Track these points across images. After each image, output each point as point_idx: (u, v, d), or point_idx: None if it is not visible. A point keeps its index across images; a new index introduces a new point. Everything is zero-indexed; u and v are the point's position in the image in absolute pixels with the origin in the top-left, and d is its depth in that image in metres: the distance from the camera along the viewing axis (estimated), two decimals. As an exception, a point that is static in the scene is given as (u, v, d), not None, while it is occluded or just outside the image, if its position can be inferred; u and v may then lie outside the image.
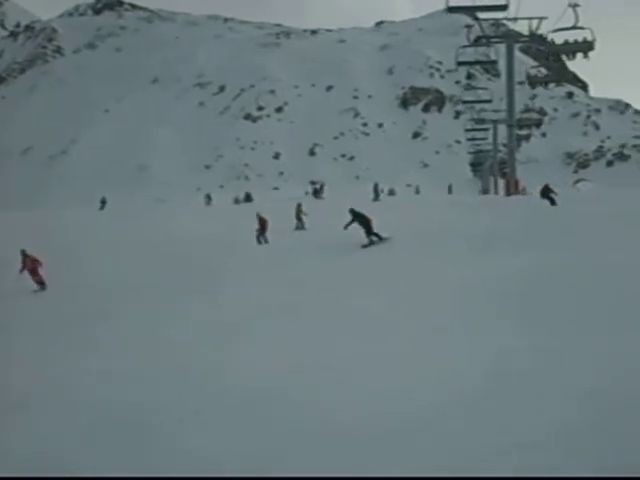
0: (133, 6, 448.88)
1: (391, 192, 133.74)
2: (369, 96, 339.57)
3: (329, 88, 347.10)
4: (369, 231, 43.64)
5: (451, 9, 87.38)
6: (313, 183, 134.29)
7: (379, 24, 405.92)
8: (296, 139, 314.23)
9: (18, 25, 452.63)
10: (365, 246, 43.61)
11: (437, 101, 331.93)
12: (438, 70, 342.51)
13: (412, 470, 14.57)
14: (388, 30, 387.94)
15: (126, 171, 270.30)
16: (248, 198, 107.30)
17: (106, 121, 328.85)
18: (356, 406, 18.85)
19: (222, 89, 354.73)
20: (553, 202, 62.92)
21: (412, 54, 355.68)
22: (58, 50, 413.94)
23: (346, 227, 43.41)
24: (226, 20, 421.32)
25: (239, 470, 15.62)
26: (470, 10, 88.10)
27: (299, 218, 60.32)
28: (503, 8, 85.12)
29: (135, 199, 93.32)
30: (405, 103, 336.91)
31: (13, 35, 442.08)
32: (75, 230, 69.61)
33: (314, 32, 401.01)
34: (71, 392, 24.21)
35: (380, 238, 44.12)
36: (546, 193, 63.73)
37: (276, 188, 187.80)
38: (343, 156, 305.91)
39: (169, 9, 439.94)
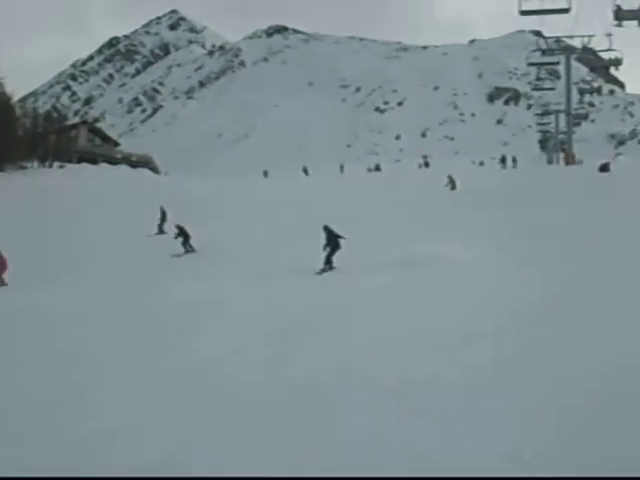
0: (295, 31, 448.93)
1: (481, 163, 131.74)
2: (465, 93, 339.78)
3: (436, 88, 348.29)
4: (330, 255, 27.91)
5: (523, 12, 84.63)
6: (424, 157, 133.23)
7: (472, 41, 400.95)
8: (412, 125, 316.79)
9: (214, 46, 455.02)
10: (320, 273, 27.20)
11: (514, 97, 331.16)
12: (515, 74, 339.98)
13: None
14: (479, 46, 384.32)
15: (290, 149, 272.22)
16: (377, 168, 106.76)
17: (276, 113, 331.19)
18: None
19: (358, 89, 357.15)
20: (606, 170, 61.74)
21: (496, 63, 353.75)
22: (241, 63, 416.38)
23: (324, 249, 27.77)
24: (361, 39, 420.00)
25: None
26: (539, 13, 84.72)
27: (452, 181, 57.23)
28: (566, 11, 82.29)
29: (293, 170, 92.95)
30: (491, 98, 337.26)
31: (210, 53, 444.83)
32: (249, 188, 68.67)
33: (425, 47, 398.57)
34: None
35: (330, 268, 27.72)
36: (605, 168, 62.59)
37: (398, 160, 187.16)
38: (446, 137, 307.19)
39: (321, 33, 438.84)
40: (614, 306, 14.43)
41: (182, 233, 36.77)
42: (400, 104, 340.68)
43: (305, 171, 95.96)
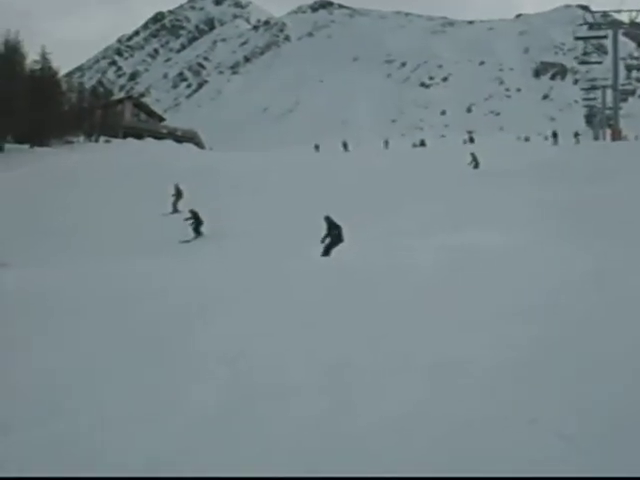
0: (340, 5, 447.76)
1: (527, 139, 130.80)
2: (510, 69, 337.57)
3: (481, 63, 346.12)
4: (329, 247, 26.59)
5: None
6: (469, 132, 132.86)
7: (518, 16, 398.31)
8: (457, 100, 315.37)
9: (259, 21, 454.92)
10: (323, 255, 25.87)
11: (561, 72, 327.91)
12: (562, 49, 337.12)
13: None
14: (525, 20, 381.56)
15: (333, 124, 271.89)
16: (422, 143, 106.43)
17: (320, 88, 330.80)
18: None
19: (404, 65, 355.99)
20: None
21: (542, 38, 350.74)
22: (286, 38, 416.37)
23: (323, 240, 26.78)
24: (407, 14, 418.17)
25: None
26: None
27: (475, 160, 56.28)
28: None
29: (336, 144, 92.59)
30: (537, 74, 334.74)
31: (255, 28, 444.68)
32: (301, 159, 68.36)
33: (471, 22, 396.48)
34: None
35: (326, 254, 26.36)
36: None
37: (443, 136, 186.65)
38: (491, 112, 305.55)
39: (366, 7, 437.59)
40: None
41: (195, 218, 36.71)
42: (445, 79, 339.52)
43: (345, 146, 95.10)
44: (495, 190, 39.17)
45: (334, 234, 26.90)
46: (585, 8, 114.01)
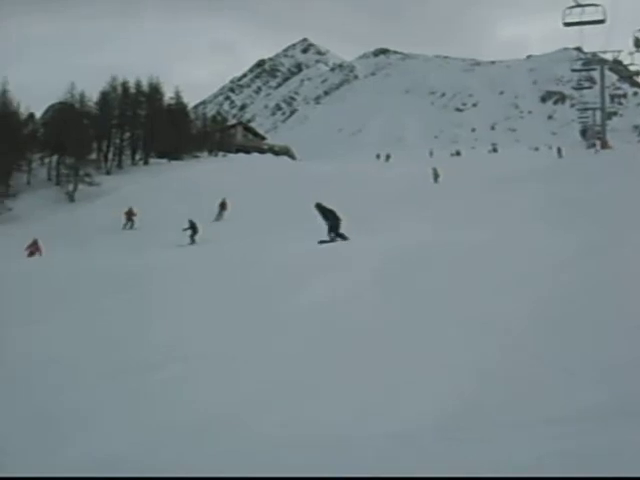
0: (395, 52, 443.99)
1: (536, 149, 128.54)
2: (523, 96, 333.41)
3: (501, 92, 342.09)
4: (333, 229, 22.39)
5: (566, 24, 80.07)
6: (493, 144, 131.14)
7: (529, 57, 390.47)
8: (483, 120, 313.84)
9: (334, 64, 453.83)
10: (323, 242, 21.37)
11: (561, 98, 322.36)
12: (562, 81, 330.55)
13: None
14: (533, 60, 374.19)
15: (391, 141, 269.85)
16: (458, 153, 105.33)
17: (381, 114, 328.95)
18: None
19: (443, 95, 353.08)
20: None
21: (547, 72, 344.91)
22: (355, 77, 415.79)
23: (330, 231, 22.70)
24: (445, 57, 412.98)
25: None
26: (579, 24, 79.84)
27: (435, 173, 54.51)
28: (601, 22, 78.17)
29: (398, 156, 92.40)
30: (543, 99, 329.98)
31: (332, 70, 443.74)
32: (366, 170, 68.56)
33: (492, 62, 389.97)
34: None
35: (344, 238, 22.01)
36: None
37: (473, 147, 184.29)
38: (509, 129, 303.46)
39: (415, 52, 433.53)
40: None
41: (192, 227, 35.82)
42: (475, 105, 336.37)
43: (387, 157, 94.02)
44: (512, 186, 39.17)
45: (331, 217, 22.89)
46: (579, 49, 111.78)
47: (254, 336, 10.02)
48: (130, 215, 45.02)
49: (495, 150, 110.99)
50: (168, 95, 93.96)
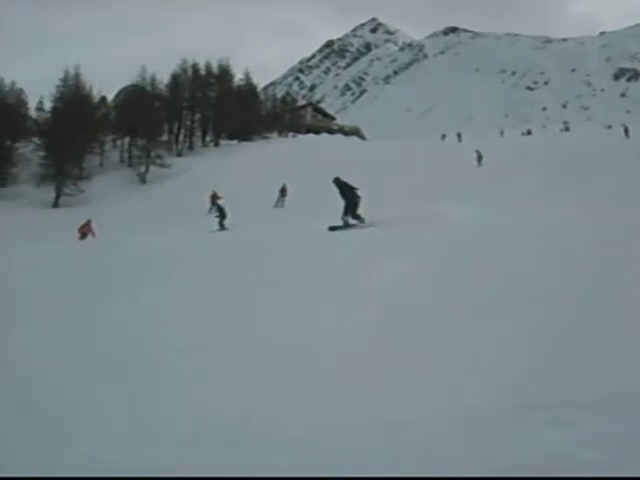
0: (465, 30, 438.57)
1: (609, 127, 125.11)
2: (595, 73, 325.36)
3: (573, 70, 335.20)
4: (349, 210, 19.02)
5: None
6: (564, 123, 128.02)
7: (601, 33, 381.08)
8: (554, 99, 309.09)
9: (404, 43, 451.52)
10: (334, 228, 18.39)
11: (634, 75, 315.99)
12: (636, 58, 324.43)
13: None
14: (606, 36, 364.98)
15: (460, 120, 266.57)
16: (529, 132, 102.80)
17: (450, 93, 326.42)
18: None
19: (514, 73, 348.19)
20: None
21: (620, 49, 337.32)
22: (425, 56, 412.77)
23: (346, 212, 19.19)
24: (515, 35, 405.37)
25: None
26: None
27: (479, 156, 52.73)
28: None
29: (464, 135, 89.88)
30: (616, 77, 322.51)
31: (401, 49, 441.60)
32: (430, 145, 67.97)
33: (564, 39, 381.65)
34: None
35: (360, 221, 18.77)
36: None
37: (544, 126, 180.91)
38: (581, 107, 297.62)
39: (485, 31, 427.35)
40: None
41: (221, 212, 34.26)
42: (546, 83, 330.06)
43: (458, 136, 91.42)
44: (584, 160, 40.44)
45: (350, 196, 19.14)
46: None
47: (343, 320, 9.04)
48: (214, 199, 43.88)
49: (567, 129, 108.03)
50: (238, 76, 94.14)
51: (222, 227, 32.94)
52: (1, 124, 67.71)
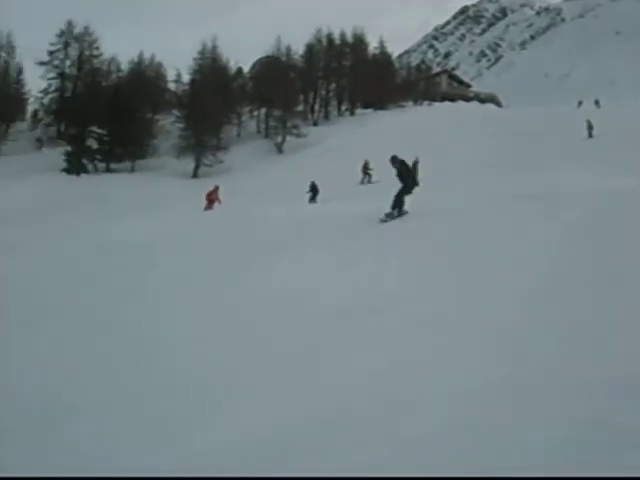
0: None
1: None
2: None
3: None
4: (403, 193, 16.53)
5: None
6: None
7: None
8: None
9: (540, 7, 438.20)
10: (384, 220, 16.05)
11: None
12: None
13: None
14: None
15: (602, 86, 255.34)
16: (597, 103, 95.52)
17: (590, 57, 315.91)
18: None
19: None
20: None
21: None
22: (562, 20, 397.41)
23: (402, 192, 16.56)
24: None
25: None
26: None
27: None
28: None
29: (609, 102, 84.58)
30: None
31: (538, 13, 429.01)
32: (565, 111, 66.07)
33: None
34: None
35: (399, 214, 16.26)
36: None
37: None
38: None
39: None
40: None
41: (313, 189, 33.90)
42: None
43: (596, 103, 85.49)
44: None
45: (409, 180, 16.79)
46: None
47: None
48: (366, 169, 42.94)
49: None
50: (372, 45, 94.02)
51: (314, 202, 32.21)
52: (142, 97, 69.55)
